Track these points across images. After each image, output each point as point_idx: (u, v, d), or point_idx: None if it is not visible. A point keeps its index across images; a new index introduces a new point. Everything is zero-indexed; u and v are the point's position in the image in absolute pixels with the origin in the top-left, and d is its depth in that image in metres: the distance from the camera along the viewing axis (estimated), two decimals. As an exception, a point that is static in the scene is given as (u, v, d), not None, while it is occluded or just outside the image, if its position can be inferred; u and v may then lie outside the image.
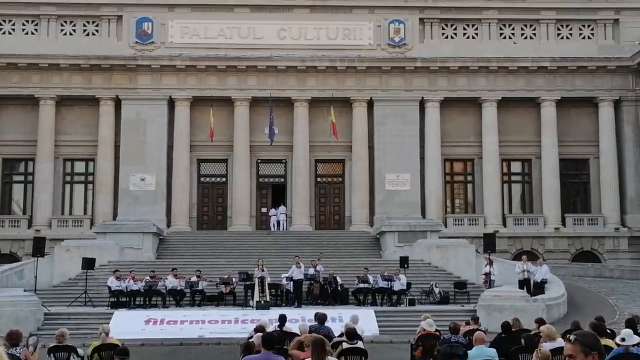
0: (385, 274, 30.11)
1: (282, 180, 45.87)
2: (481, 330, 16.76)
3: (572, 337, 5.15)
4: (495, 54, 44.96)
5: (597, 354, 5.06)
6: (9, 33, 44.82)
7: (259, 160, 45.57)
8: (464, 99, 45.67)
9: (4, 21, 44.83)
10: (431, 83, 45.30)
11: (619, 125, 45.81)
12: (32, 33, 44.90)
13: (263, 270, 29.01)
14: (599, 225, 44.78)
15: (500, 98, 45.27)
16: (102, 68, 44.16)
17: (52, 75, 44.21)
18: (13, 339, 13.48)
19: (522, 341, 17.01)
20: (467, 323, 18.87)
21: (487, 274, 30.82)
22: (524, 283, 29.93)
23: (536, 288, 29.70)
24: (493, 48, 45.30)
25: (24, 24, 44.95)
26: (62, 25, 45.02)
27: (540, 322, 16.81)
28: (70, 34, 45.02)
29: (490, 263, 30.78)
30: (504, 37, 46.13)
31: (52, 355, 15.42)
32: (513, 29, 46.21)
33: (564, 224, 44.78)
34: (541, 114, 45.58)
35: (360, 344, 14.78)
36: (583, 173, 46.78)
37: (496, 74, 45.30)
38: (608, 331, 15.44)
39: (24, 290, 29.24)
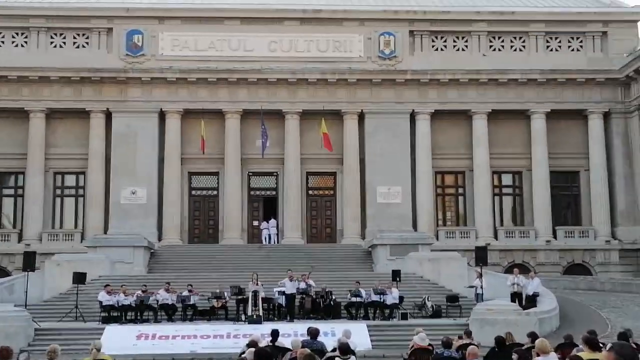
0: (378, 287, 30.05)
1: (274, 193, 45.82)
2: (474, 344, 16.73)
3: (609, 345, 5.22)
4: (485, 66, 45.16)
5: None
6: (-1, 46, 44.69)
7: (250, 173, 45.53)
8: (455, 111, 45.82)
9: (-6, 34, 44.71)
10: (421, 95, 45.44)
11: (609, 137, 46.05)
12: (22, 45, 44.78)
13: (257, 284, 28.90)
14: (590, 237, 44.91)
15: (490, 110, 45.45)
16: (93, 80, 44.07)
17: (42, 87, 44.09)
18: (3, 355, 13.34)
19: (514, 356, 16.97)
20: (460, 337, 18.84)
21: (475, 287, 30.80)
22: (515, 296, 29.92)
23: (528, 301, 29.69)
24: (483, 60, 45.50)
25: (13, 36, 44.83)
26: (52, 37, 44.94)
27: (532, 336, 16.79)
28: (60, 46, 44.93)
29: (480, 276, 30.76)
30: (494, 50, 46.35)
31: (43, 372, 15.28)
32: (503, 41, 46.45)
33: (555, 237, 44.89)
34: (531, 126, 45.78)
35: (353, 359, 14.73)
36: (573, 185, 46.94)
37: (486, 86, 45.50)
38: (601, 345, 15.44)
39: (14, 306, 28.97)
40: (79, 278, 30.22)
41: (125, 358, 20.03)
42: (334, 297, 30.25)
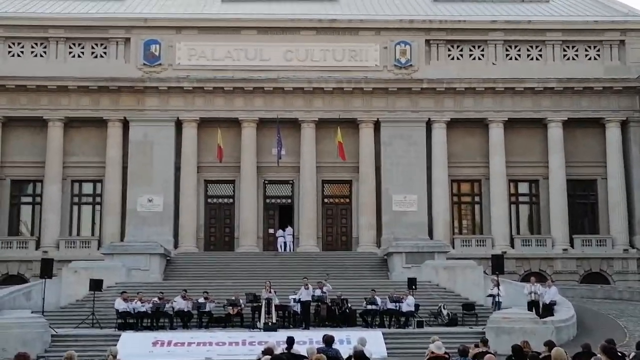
0: (394, 295, 30.00)
1: (289, 201, 45.89)
2: (491, 353, 16.65)
3: (633, 354, 5.23)
4: (501, 75, 45.05)
5: None
6: (18, 55, 45.16)
7: (266, 182, 45.63)
8: (471, 120, 45.72)
9: (13, 44, 45.17)
10: (437, 104, 45.39)
11: (626, 145, 45.75)
12: (41, 55, 45.22)
13: (270, 292, 28.95)
14: (608, 246, 44.57)
15: (506, 119, 45.30)
16: (110, 90, 44.41)
17: (61, 97, 44.47)
18: (21, 361, 13.45)
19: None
20: (476, 345, 18.74)
21: (493, 296, 30.69)
22: (532, 305, 29.78)
23: (545, 310, 29.54)
24: (499, 69, 45.41)
25: (32, 47, 45.28)
26: (70, 47, 45.34)
27: (549, 344, 16.67)
28: (79, 56, 45.33)
29: (497, 285, 30.64)
30: (510, 58, 46.24)
31: (60, 377, 15.37)
32: (519, 50, 46.33)
33: (572, 245, 44.60)
34: (548, 134, 45.57)
35: (368, 367, 14.70)
36: (591, 194, 46.63)
37: (502, 94, 45.36)
38: (619, 354, 15.32)
39: (32, 312, 29.26)
40: (96, 285, 30.44)
41: (141, 364, 20.09)
42: (349, 305, 30.27)
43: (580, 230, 45.81)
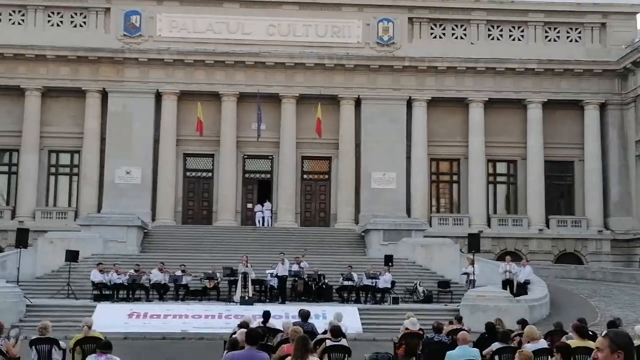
0: (370, 272, 30.17)
1: (268, 176, 45.84)
2: (465, 329, 16.83)
3: (604, 332, 5.25)
4: (483, 55, 45.12)
5: (623, 354, 5.11)
6: (-4, 22, 44.44)
7: (245, 156, 45.51)
8: (452, 99, 45.82)
9: (-9, 10, 44.44)
10: (419, 82, 45.40)
11: (604, 128, 46.13)
12: (19, 23, 44.55)
13: (247, 266, 28.98)
14: (583, 227, 45.09)
15: (487, 99, 45.47)
16: (89, 60, 43.90)
17: (39, 66, 43.91)
18: (-5, 330, 13.41)
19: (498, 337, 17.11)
20: (451, 322, 18.94)
21: (467, 274, 30.96)
22: (507, 283, 30.09)
23: (519, 289, 29.87)
24: (481, 49, 45.45)
25: (10, 14, 44.58)
26: (49, 16, 44.70)
27: (522, 322, 16.90)
28: (58, 25, 44.71)
29: (472, 263, 30.89)
30: (492, 39, 46.30)
31: (33, 347, 15.33)
32: (501, 30, 46.40)
33: (547, 226, 45.06)
34: (527, 115, 45.81)
35: (344, 342, 14.81)
36: (568, 175, 47.06)
37: (483, 74, 45.48)
38: (590, 333, 15.56)
39: (6, 282, 29.03)
40: (72, 256, 30.28)
41: (117, 336, 20.05)
42: (326, 281, 30.39)
43: (556, 211, 46.27)
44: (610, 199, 45.52)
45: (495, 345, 15.28)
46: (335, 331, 14.95)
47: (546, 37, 46.45)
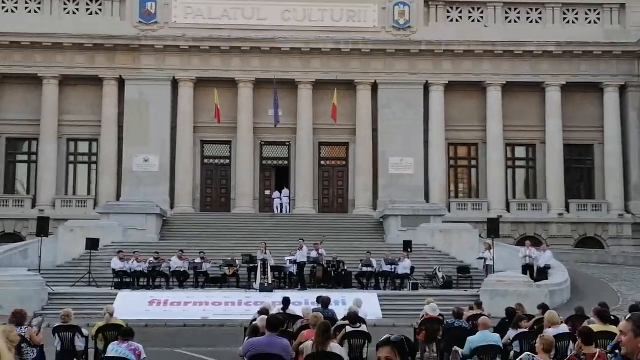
0: (389, 257, 30.13)
1: (286, 162, 45.81)
2: (485, 315, 16.77)
3: (628, 315, 5.19)
4: (500, 38, 44.69)
5: None
6: (12, 11, 44.54)
7: (262, 142, 45.48)
8: (469, 83, 45.48)
9: (7, -1, 44.59)
10: (436, 66, 45.08)
11: (624, 110, 45.62)
12: (35, 11, 44.64)
13: (266, 253, 29.05)
14: (603, 211, 44.71)
15: (504, 82, 45.07)
16: (105, 47, 43.96)
17: (55, 54, 44.02)
18: (18, 317, 13.51)
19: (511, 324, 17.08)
20: (471, 308, 18.89)
21: (484, 259, 30.85)
22: (526, 268, 29.98)
23: (539, 273, 29.77)
24: (498, 32, 45.02)
25: (26, 2, 44.67)
26: (65, 3, 44.74)
27: (543, 307, 16.81)
28: (74, 12, 44.76)
29: (489, 248, 30.74)
30: (509, 21, 45.84)
31: (56, 334, 15.45)
32: (518, 12, 45.91)
33: (567, 210, 44.72)
34: (546, 98, 45.38)
35: (363, 327, 14.80)
36: (587, 158, 46.65)
37: (501, 57, 45.06)
38: (612, 317, 15.44)
39: (28, 270, 29.33)
40: (92, 244, 30.49)
41: (137, 323, 20.18)
42: (345, 267, 30.39)
43: (575, 195, 45.93)
44: (631, 182, 45.09)
45: (511, 333, 15.25)
46: (354, 317, 14.94)
47: (564, 18, 45.92)
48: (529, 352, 10.91)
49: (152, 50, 44.18)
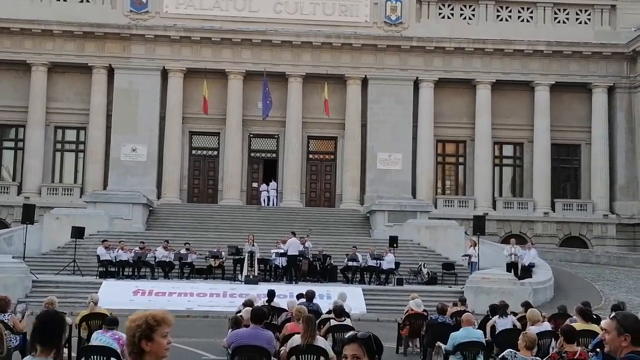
0: (375, 252, 30.21)
1: (274, 155, 45.79)
2: (469, 311, 16.86)
3: (613, 314, 5.24)
4: (491, 36, 44.80)
5: (630, 337, 5.11)
6: (2, -3, 44.22)
7: (251, 135, 45.44)
8: (459, 80, 45.58)
9: (-3, -15, 44.22)
10: (426, 63, 45.15)
11: (612, 112, 45.88)
12: (26, -2, 44.33)
13: (253, 245, 29.05)
14: (588, 211, 44.99)
15: (494, 80, 45.21)
16: (96, 36, 43.74)
17: (45, 41, 43.75)
18: (1, 305, 13.48)
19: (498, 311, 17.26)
20: (455, 304, 19.00)
21: (469, 256, 31.00)
22: (511, 266, 30.12)
23: (524, 272, 29.94)
24: (489, 30, 45.13)
25: (17, -11, 44.36)
26: (56, -10, 44.46)
27: (526, 305, 16.93)
28: (64, 0, 44.48)
29: (474, 245, 30.88)
30: (501, 19, 45.95)
31: (40, 323, 15.37)
32: (510, 11, 46.03)
33: (553, 209, 44.97)
34: (535, 98, 45.55)
35: (348, 322, 14.86)
36: (574, 158, 46.90)
37: (491, 56, 45.19)
38: (594, 316, 15.57)
39: (12, 257, 29.19)
40: (78, 232, 30.38)
41: (122, 313, 20.14)
42: (330, 261, 30.44)
43: (562, 195, 46.19)
44: (617, 183, 45.37)
45: (495, 321, 15.45)
46: (339, 311, 15.00)
47: (555, 18, 46.07)
48: (511, 349, 10.99)
49: (143, 40, 43.99)
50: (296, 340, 10.93)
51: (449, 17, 45.83)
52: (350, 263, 30.15)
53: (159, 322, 4.78)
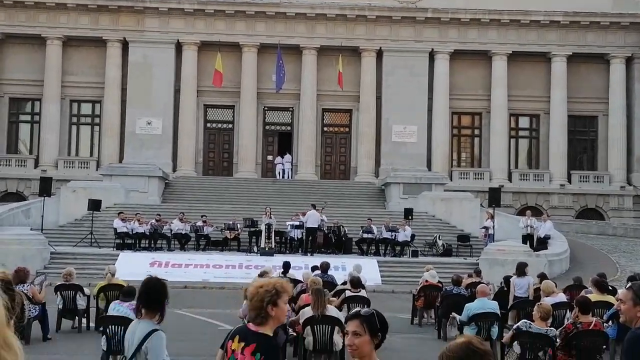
0: (390, 224, 30.25)
1: (289, 128, 45.75)
2: (483, 283, 16.92)
3: (629, 284, 5.24)
4: (507, 7, 44.28)
5: None
6: (16, -29, 44.17)
7: (265, 108, 45.38)
8: (474, 52, 45.19)
9: (11, -42, 44.15)
10: (441, 34, 44.77)
11: (630, 82, 45.36)
12: (40, -29, 44.25)
13: (270, 218, 29.19)
14: (605, 183, 44.70)
15: (510, 52, 44.76)
16: (110, 9, 43.68)
17: (59, 14, 43.75)
18: (21, 276, 13.68)
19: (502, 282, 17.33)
20: (470, 276, 19.06)
21: (487, 228, 30.98)
22: (527, 238, 30.08)
23: (539, 243, 29.88)
24: (505, 0, 44.57)
25: (31, -38, 44.27)
26: (69, -36, 44.33)
27: (542, 277, 16.95)
28: (78, -27, 44.35)
29: (491, 217, 30.86)
30: (518, -10, 45.35)
31: (58, 293, 15.64)
32: (527, -19, 45.42)
33: (569, 181, 44.72)
34: (551, 69, 45.09)
35: (363, 293, 14.96)
36: (591, 130, 46.51)
37: (507, 27, 44.70)
38: (610, 288, 15.57)
39: (31, 229, 29.52)
40: (94, 205, 30.62)
41: (139, 284, 20.39)
42: (346, 233, 30.53)
43: (578, 166, 45.89)
44: (634, 155, 44.98)
45: (514, 281, 15.59)
46: (355, 282, 15.10)
47: (573, -12, 45.42)
48: (526, 320, 11.03)
49: (157, 13, 43.89)
50: (307, 312, 11.03)
51: (464, -12, 45.27)
52: (365, 235, 30.23)
53: (285, 289, 4.93)
